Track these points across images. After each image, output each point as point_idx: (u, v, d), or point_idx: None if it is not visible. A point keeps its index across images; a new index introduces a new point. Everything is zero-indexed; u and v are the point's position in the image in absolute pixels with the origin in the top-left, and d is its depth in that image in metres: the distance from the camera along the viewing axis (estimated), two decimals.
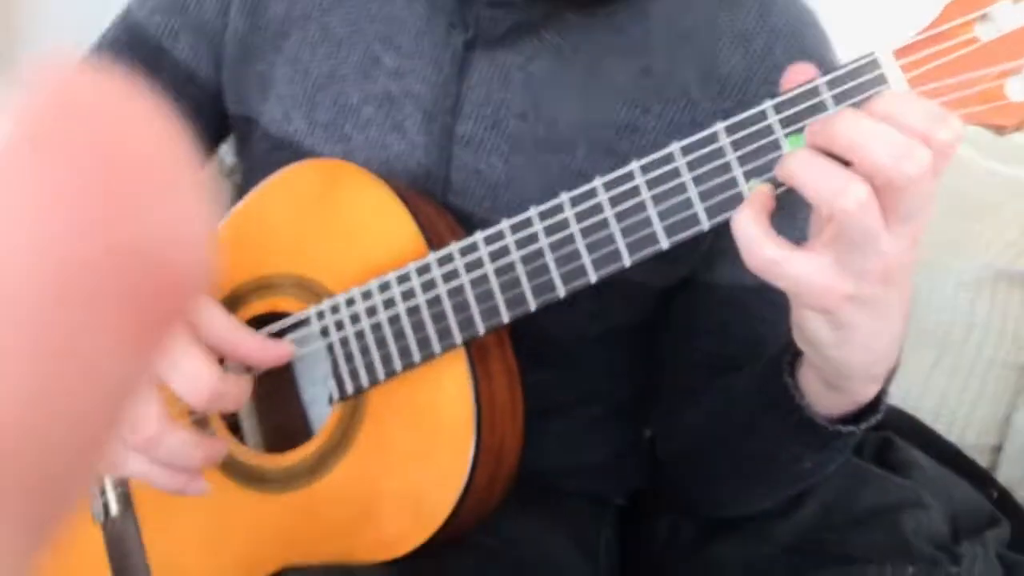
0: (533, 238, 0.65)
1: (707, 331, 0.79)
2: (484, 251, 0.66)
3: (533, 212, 0.65)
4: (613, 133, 0.75)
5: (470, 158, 0.76)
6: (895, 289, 0.57)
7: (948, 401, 1.21)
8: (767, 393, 0.69)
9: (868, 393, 0.65)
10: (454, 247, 0.67)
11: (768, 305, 0.72)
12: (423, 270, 0.68)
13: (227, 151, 1.03)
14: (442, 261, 0.68)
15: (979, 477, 1.16)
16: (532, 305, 0.65)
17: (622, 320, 0.81)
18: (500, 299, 0.66)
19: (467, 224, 0.74)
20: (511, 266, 0.66)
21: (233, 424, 0.78)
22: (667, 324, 0.82)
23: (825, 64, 0.62)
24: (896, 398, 1.24)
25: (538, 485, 0.82)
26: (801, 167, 0.54)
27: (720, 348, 0.79)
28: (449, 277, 0.67)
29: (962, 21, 0.56)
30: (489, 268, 0.66)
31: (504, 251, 0.66)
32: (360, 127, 0.78)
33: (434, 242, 0.70)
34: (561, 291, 0.65)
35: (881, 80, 0.57)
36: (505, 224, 0.66)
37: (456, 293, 0.67)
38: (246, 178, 0.86)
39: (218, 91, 0.86)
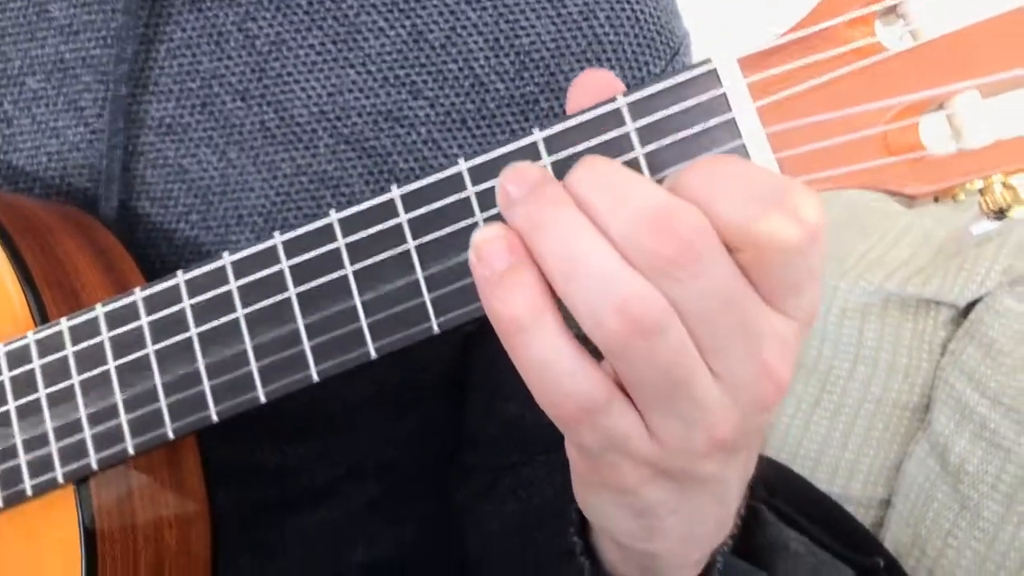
0: (180, 320, 0.41)
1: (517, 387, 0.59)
2: (106, 334, 0.42)
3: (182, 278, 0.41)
4: (370, 123, 0.54)
5: (171, 150, 0.56)
6: (737, 459, 0.35)
7: (830, 446, 1.01)
8: (561, 538, 0.47)
9: None
10: (63, 324, 0.43)
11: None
12: (17, 358, 0.43)
13: None
14: (44, 347, 0.43)
15: (863, 545, 0.98)
16: (170, 433, 0.41)
17: (414, 375, 0.61)
18: (124, 420, 0.41)
19: (166, 242, 0.55)
20: (145, 361, 0.41)
21: None
22: (472, 378, 0.63)
23: (659, 49, 0.53)
24: (772, 443, 1.05)
25: None
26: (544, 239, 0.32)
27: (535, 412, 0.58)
28: (52, 373, 0.43)
29: (856, 15, 0.33)
30: (112, 365, 0.41)
31: (137, 338, 0.41)
32: (24, 105, 0.59)
33: (49, 310, 0.45)
34: (213, 417, 0.40)
35: (720, 106, 0.33)
36: (180, 278, 0.41)
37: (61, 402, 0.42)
38: None
39: None
